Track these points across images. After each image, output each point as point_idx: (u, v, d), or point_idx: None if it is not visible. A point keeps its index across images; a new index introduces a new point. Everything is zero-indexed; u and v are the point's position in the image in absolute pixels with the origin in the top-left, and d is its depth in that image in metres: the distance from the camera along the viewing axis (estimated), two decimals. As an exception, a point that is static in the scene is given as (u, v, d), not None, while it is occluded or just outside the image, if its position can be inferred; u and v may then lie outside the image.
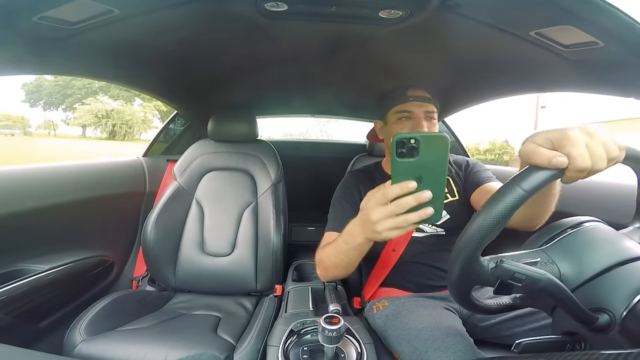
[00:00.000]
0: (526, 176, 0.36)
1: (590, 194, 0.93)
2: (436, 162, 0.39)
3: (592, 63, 0.68)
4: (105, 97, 22.12)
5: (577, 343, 0.41)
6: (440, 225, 0.85)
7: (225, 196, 1.16)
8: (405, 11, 0.64)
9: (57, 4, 0.57)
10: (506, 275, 0.37)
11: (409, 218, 0.42)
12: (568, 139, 0.35)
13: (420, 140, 0.38)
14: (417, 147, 0.38)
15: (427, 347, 0.59)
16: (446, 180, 0.88)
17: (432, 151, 0.39)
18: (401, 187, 0.40)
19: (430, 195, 0.40)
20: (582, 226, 0.44)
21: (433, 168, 0.40)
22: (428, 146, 0.38)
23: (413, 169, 0.40)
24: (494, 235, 0.37)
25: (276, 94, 1.46)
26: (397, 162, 0.40)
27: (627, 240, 0.42)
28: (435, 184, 0.40)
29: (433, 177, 0.40)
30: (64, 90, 25.35)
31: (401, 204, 0.41)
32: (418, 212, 0.41)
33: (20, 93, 28.30)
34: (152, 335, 0.81)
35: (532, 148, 0.37)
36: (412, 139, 0.38)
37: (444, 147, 0.38)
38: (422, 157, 0.39)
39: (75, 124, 22.73)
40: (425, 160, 0.39)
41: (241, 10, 0.67)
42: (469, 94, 1.23)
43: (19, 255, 0.89)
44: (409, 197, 0.41)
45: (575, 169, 0.35)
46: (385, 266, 0.88)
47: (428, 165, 0.39)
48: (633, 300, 0.36)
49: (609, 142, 0.36)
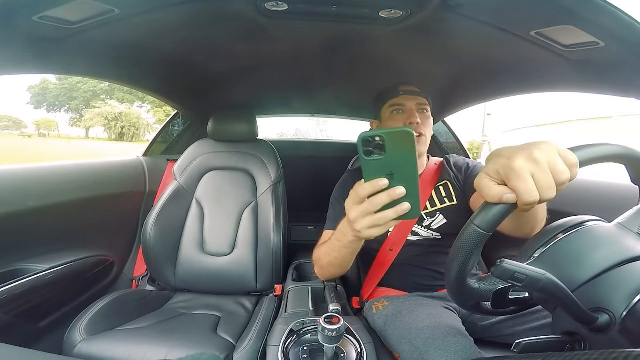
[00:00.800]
0: (482, 215, 0.37)
1: (590, 194, 0.94)
2: (405, 157, 0.39)
3: (592, 63, 0.68)
4: (113, 100, 22.70)
5: (577, 343, 0.41)
6: (436, 229, 0.84)
7: (225, 196, 1.16)
8: (405, 11, 0.64)
9: (57, 3, 0.57)
10: (506, 276, 0.37)
11: (386, 215, 0.42)
12: (513, 171, 0.34)
13: (385, 137, 0.38)
14: (383, 144, 0.38)
15: (427, 347, 0.59)
16: (443, 184, 0.89)
17: (398, 147, 0.38)
18: (372, 185, 0.41)
19: (403, 192, 0.40)
20: (580, 227, 0.44)
21: (402, 163, 0.40)
22: (394, 142, 0.38)
23: (383, 167, 0.40)
24: (471, 268, 0.40)
25: (276, 93, 1.46)
26: (365, 161, 0.40)
27: (626, 238, 0.42)
28: (407, 179, 0.40)
29: (404, 172, 0.40)
30: (70, 93, 26.15)
31: (375, 202, 0.41)
32: (394, 209, 0.41)
33: (26, 95, 28.99)
34: (152, 334, 0.81)
35: (484, 184, 0.37)
36: (377, 136, 0.38)
37: (410, 142, 0.38)
38: (390, 153, 0.39)
39: (86, 126, 23.42)
40: (394, 157, 0.39)
41: (242, 10, 0.67)
42: (469, 94, 1.23)
43: (18, 255, 0.89)
44: (382, 195, 0.41)
45: (523, 204, 0.35)
46: (382, 265, 0.88)
47: (397, 161, 0.39)
48: (633, 301, 0.36)
49: (558, 166, 0.34)
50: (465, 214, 0.84)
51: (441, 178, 0.90)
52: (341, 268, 0.69)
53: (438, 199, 0.87)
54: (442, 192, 0.88)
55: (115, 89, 19.00)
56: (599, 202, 0.91)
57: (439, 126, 1.67)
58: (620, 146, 0.40)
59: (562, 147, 0.36)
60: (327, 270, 0.71)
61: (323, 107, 1.75)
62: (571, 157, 0.35)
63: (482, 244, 0.38)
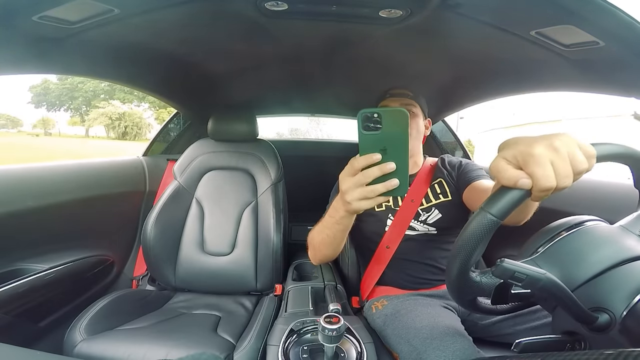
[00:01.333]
0: (494, 202, 0.37)
1: (590, 194, 0.93)
2: (398, 135, 0.43)
3: (592, 63, 0.68)
4: (115, 101, 23.39)
5: (577, 343, 0.41)
6: (432, 224, 0.86)
7: (225, 195, 1.16)
8: (405, 10, 0.64)
9: (57, 3, 0.57)
10: (506, 275, 0.37)
11: (376, 188, 0.45)
12: (533, 157, 0.34)
13: (382, 114, 0.42)
14: (380, 120, 0.42)
15: (426, 346, 0.59)
16: (437, 182, 0.91)
17: (393, 124, 0.42)
18: (366, 159, 0.44)
19: (394, 167, 0.43)
20: (580, 227, 0.44)
21: (395, 140, 0.43)
22: (390, 120, 0.42)
23: (377, 142, 0.43)
24: (477, 256, 0.40)
25: (276, 93, 1.46)
26: (363, 135, 0.43)
27: (627, 238, 0.42)
28: (398, 155, 0.43)
29: (396, 149, 0.43)
30: (71, 93, 27.01)
31: (367, 174, 0.44)
32: (384, 183, 0.44)
33: (27, 95, 29.56)
34: (152, 334, 0.81)
35: (500, 166, 0.36)
36: (376, 113, 0.42)
37: (404, 121, 0.42)
38: (385, 130, 0.43)
39: (91, 125, 24.31)
40: (388, 133, 0.43)
41: (241, 10, 0.67)
42: (469, 94, 1.23)
43: (18, 255, 0.89)
44: (374, 168, 0.44)
45: (539, 190, 0.34)
46: (380, 263, 0.89)
47: (391, 138, 0.43)
48: (633, 300, 0.36)
49: (577, 156, 0.35)
50: (459, 209, 0.86)
51: (436, 176, 0.93)
52: (332, 248, 0.70)
53: (433, 195, 0.89)
54: (437, 189, 0.90)
55: (116, 88, 19.55)
56: (599, 202, 0.91)
57: (439, 125, 1.67)
58: (637, 150, 0.41)
59: (580, 140, 0.36)
60: (320, 251, 0.73)
61: (323, 106, 1.74)
62: (589, 149, 0.36)
63: (491, 232, 0.37)
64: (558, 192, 0.35)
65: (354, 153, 0.45)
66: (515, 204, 0.36)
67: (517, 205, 0.36)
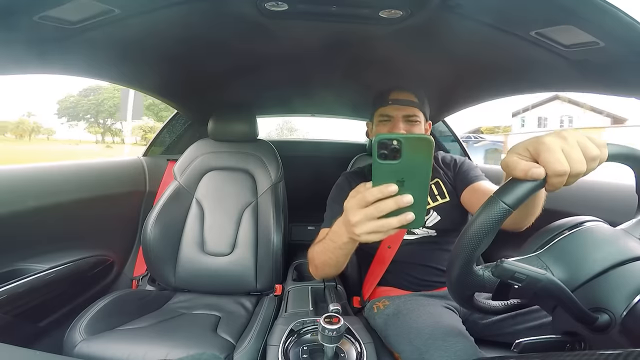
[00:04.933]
0: (508, 190, 0.36)
1: (591, 194, 0.94)
2: (420, 166, 0.37)
3: (592, 63, 0.68)
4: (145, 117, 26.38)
5: (577, 343, 0.41)
6: (431, 227, 0.85)
7: (225, 196, 1.16)
8: (405, 11, 0.64)
9: (58, 3, 0.57)
10: (506, 275, 0.37)
11: (389, 222, 0.40)
12: (543, 144, 0.35)
13: (403, 141, 0.36)
14: (400, 148, 0.36)
15: (427, 347, 0.59)
16: (434, 183, 0.89)
17: (415, 154, 0.37)
18: (381, 190, 0.39)
19: (411, 200, 0.38)
20: (580, 227, 0.44)
21: (416, 171, 0.38)
22: (411, 148, 0.36)
23: (395, 172, 0.38)
24: (484, 247, 0.38)
25: (276, 93, 1.46)
26: (378, 164, 0.38)
27: (627, 239, 0.42)
28: (417, 188, 0.38)
29: (416, 180, 0.38)
30: (97, 107, 30.34)
31: (380, 207, 0.39)
32: (398, 217, 0.39)
33: (54, 107, 33.53)
34: (152, 334, 0.81)
35: (512, 160, 0.37)
36: (395, 140, 0.36)
37: (428, 150, 0.36)
38: (405, 159, 0.37)
39: (124, 136, 28.10)
40: (408, 163, 0.37)
41: (241, 10, 0.67)
42: (469, 94, 1.23)
43: (18, 255, 0.89)
44: (390, 201, 0.39)
45: (554, 174, 0.35)
46: (381, 264, 0.88)
47: (411, 168, 0.37)
48: (633, 300, 0.36)
49: (586, 142, 0.36)
50: (458, 210, 0.85)
51: (432, 176, 0.91)
52: (335, 268, 0.68)
53: (431, 197, 0.88)
54: (435, 190, 0.89)
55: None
56: (599, 202, 0.91)
57: (439, 125, 1.67)
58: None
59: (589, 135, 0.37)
60: (322, 270, 0.71)
61: (323, 106, 1.74)
62: (598, 139, 0.36)
63: (501, 222, 0.36)
64: (574, 181, 0.36)
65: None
66: (529, 193, 0.36)
67: (531, 193, 0.36)
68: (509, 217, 0.37)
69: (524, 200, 0.36)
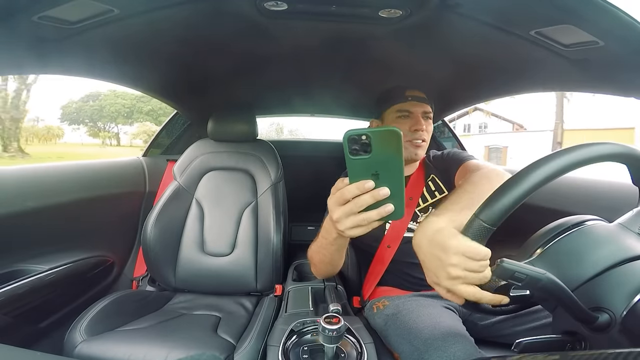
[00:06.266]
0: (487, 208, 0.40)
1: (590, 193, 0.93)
2: (391, 158, 0.38)
3: (592, 62, 0.68)
4: (147, 122, 28.32)
5: (577, 342, 0.41)
6: None
7: (225, 196, 1.16)
8: (405, 10, 0.64)
9: (57, 3, 0.57)
10: (506, 275, 0.37)
11: (369, 216, 0.41)
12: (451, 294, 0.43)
13: (371, 136, 0.37)
14: (370, 143, 0.37)
15: (427, 347, 0.59)
16: (430, 179, 0.90)
17: (385, 147, 0.37)
18: (358, 187, 0.39)
19: (387, 192, 0.39)
20: (580, 226, 0.44)
21: (388, 164, 0.38)
22: (380, 142, 0.37)
23: (368, 166, 0.39)
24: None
25: (276, 93, 1.46)
26: (351, 160, 0.38)
27: (626, 238, 0.42)
28: (392, 180, 0.39)
29: (389, 173, 0.39)
30: (100, 112, 31.90)
31: (358, 203, 0.40)
32: (378, 210, 0.40)
33: (58, 111, 34.71)
34: (152, 335, 0.81)
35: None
36: (364, 135, 0.37)
37: (397, 142, 0.37)
38: (376, 153, 0.37)
39: (135, 138, 29.91)
40: (380, 157, 0.38)
41: (241, 10, 0.67)
42: (468, 94, 1.23)
43: (19, 256, 0.89)
44: (366, 196, 0.40)
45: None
46: (381, 263, 0.88)
47: (383, 161, 0.38)
48: (633, 300, 0.36)
49: (472, 267, 0.40)
50: None
51: (427, 174, 0.93)
52: (332, 265, 0.70)
53: (429, 193, 0.89)
54: (432, 186, 0.90)
55: (134, 110, 22.13)
56: (598, 201, 0.91)
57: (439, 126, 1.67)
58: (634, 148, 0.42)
59: (466, 247, 0.40)
60: (320, 268, 0.73)
61: (323, 106, 1.74)
62: (477, 254, 0.40)
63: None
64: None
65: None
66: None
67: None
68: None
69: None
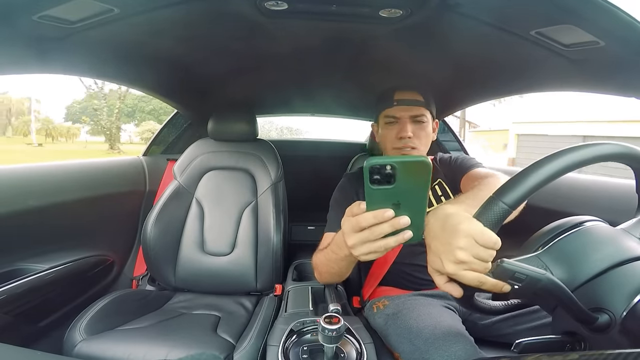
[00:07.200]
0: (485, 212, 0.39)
1: (590, 194, 0.93)
2: (416, 188, 0.35)
3: (592, 62, 0.68)
4: (151, 121, 28.67)
5: (577, 343, 0.41)
6: None
7: (225, 195, 1.16)
8: (405, 10, 0.64)
9: (57, 2, 0.57)
10: (506, 275, 0.37)
11: (387, 243, 0.39)
12: (454, 275, 0.41)
13: (397, 167, 0.34)
14: (394, 173, 0.34)
15: (428, 347, 0.59)
16: (437, 183, 0.88)
17: (411, 177, 0.34)
18: (376, 216, 0.37)
19: (408, 222, 0.37)
20: (580, 227, 0.44)
21: (412, 194, 0.36)
22: (407, 172, 0.34)
23: (390, 196, 0.36)
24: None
25: (276, 93, 1.46)
26: (371, 190, 0.35)
27: (627, 239, 0.42)
28: (414, 208, 0.37)
29: (412, 202, 0.36)
30: (103, 111, 33.00)
31: (376, 232, 0.38)
32: (396, 237, 0.38)
33: (62, 111, 35.80)
34: (152, 334, 0.81)
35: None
36: (388, 165, 0.34)
37: (425, 173, 0.35)
38: (400, 184, 0.35)
39: (141, 137, 30.17)
40: (404, 187, 0.35)
41: (241, 9, 0.67)
42: (469, 94, 1.23)
43: (19, 255, 0.89)
44: (385, 225, 0.37)
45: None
46: (383, 264, 0.88)
47: (406, 192, 0.36)
48: (633, 300, 0.36)
49: (480, 254, 0.39)
50: None
51: (434, 178, 0.91)
52: (339, 277, 0.70)
53: (435, 198, 0.88)
54: (438, 191, 0.89)
55: (136, 110, 22.54)
56: (599, 202, 0.91)
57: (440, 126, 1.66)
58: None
59: (478, 232, 0.38)
60: (326, 278, 0.73)
61: (323, 106, 1.74)
62: (488, 240, 0.38)
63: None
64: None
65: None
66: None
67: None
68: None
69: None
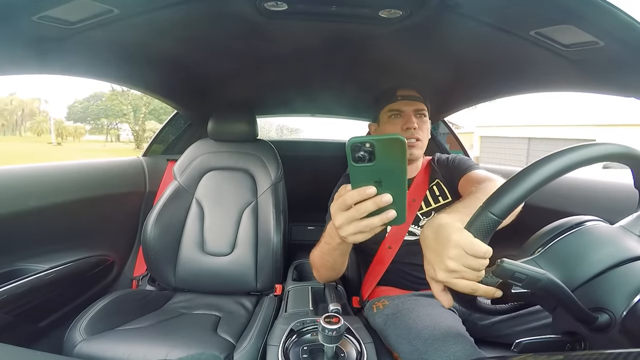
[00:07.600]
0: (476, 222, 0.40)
1: (590, 194, 0.93)
2: (395, 165, 0.38)
3: (592, 63, 0.68)
4: (152, 121, 29.42)
5: (577, 343, 0.41)
6: None
7: (225, 196, 1.16)
8: (405, 11, 0.64)
9: (57, 3, 0.57)
10: (506, 275, 0.37)
11: (372, 222, 0.41)
12: (446, 283, 0.43)
13: (375, 144, 0.37)
14: (373, 151, 0.38)
15: (427, 347, 0.59)
16: (435, 184, 0.90)
17: (389, 154, 0.38)
18: (359, 193, 0.40)
19: (390, 199, 0.39)
20: (579, 227, 0.44)
21: (392, 171, 0.39)
22: (384, 150, 0.37)
23: (371, 173, 0.39)
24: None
25: (276, 93, 1.46)
26: (354, 167, 0.39)
27: (626, 238, 0.42)
28: (395, 186, 0.39)
29: (393, 180, 0.39)
30: (105, 112, 34.10)
31: (361, 209, 0.41)
32: (380, 216, 0.41)
33: (64, 110, 37.86)
34: (152, 334, 0.81)
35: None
36: (367, 142, 0.37)
37: (401, 150, 0.37)
38: (380, 160, 0.38)
39: (146, 135, 31.20)
40: (383, 164, 0.38)
41: (241, 10, 0.67)
42: (468, 94, 1.23)
43: (19, 255, 0.89)
44: (368, 202, 0.40)
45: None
46: (381, 264, 0.88)
47: (386, 169, 0.39)
48: (633, 300, 0.36)
49: (470, 264, 0.40)
50: None
51: (432, 178, 0.92)
52: (334, 270, 0.70)
53: (432, 198, 0.89)
54: (436, 191, 0.90)
55: (136, 110, 23.16)
56: (599, 202, 0.91)
57: (440, 125, 1.67)
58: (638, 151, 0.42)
59: (468, 243, 0.39)
60: (322, 273, 0.74)
61: (323, 107, 1.74)
62: (478, 250, 0.39)
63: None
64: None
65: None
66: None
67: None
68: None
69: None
